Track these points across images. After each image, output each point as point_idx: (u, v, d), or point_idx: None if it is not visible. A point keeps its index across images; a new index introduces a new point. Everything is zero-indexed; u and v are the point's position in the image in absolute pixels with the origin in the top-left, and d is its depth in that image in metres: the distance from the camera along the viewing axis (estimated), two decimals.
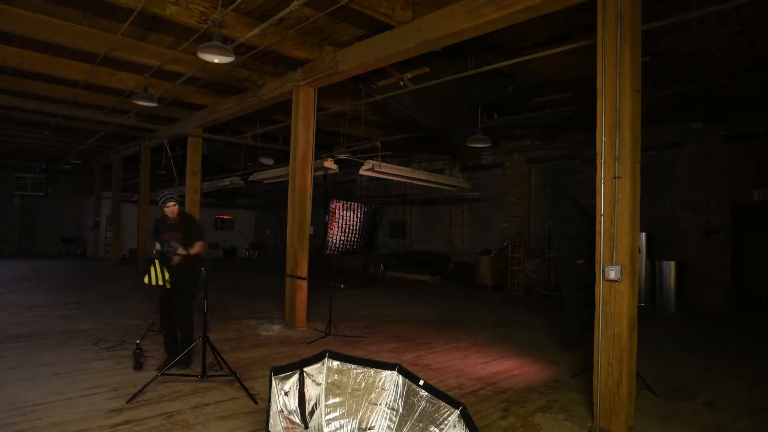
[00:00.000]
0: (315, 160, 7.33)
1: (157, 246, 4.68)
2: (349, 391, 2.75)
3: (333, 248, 8.00)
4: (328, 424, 2.72)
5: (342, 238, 8.13)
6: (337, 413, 2.74)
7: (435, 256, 14.36)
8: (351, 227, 8.21)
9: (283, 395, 3.00)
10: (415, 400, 2.63)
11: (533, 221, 12.65)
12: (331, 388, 2.78)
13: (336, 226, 7.89)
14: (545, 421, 3.72)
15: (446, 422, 2.52)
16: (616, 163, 3.56)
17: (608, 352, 3.55)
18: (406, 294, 11.19)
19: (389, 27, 5.65)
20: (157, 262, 4.65)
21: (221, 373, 4.37)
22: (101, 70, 7.62)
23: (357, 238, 8.29)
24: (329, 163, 9.30)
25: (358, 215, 8.28)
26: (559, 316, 8.77)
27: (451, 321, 7.88)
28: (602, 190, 3.63)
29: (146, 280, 4.62)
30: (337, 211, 7.85)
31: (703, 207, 9.64)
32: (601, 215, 3.63)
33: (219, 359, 4.36)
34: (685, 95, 7.86)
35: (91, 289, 10.16)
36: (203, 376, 4.23)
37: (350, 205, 8.07)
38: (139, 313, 7.29)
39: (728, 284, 9.38)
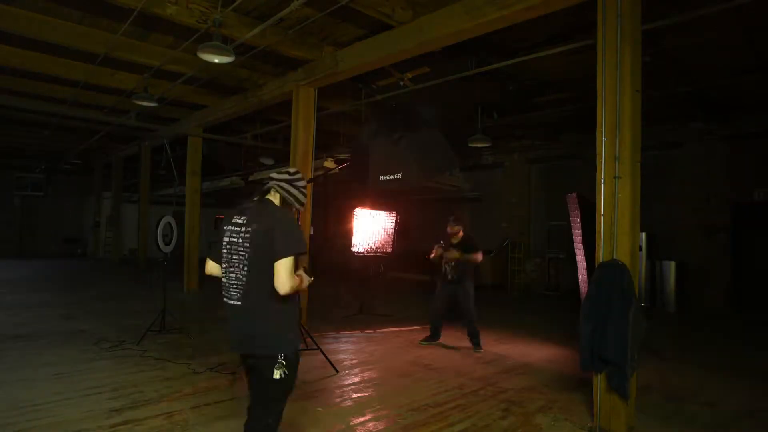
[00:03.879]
0: (315, 160, 7.33)
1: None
2: None
3: (362, 248, 8.55)
4: None
5: (368, 242, 8.71)
6: None
7: None
8: (374, 233, 8.80)
9: None
10: None
11: (533, 221, 12.65)
12: None
13: (361, 230, 8.52)
14: (545, 421, 3.72)
15: None
16: (616, 163, 3.56)
17: None
18: (406, 294, 11.20)
19: (389, 27, 5.65)
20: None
21: (309, 348, 5.00)
22: (101, 70, 7.61)
23: (381, 244, 8.91)
24: (329, 163, 9.29)
25: (380, 223, 8.94)
26: (558, 315, 8.77)
27: (450, 321, 7.86)
28: (602, 190, 3.62)
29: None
30: (361, 218, 8.50)
31: (703, 207, 9.64)
32: (601, 215, 3.63)
33: (310, 338, 5.06)
34: (685, 95, 7.85)
35: (91, 289, 10.16)
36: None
37: (371, 213, 8.74)
38: (140, 313, 7.29)
39: (728, 284, 9.37)
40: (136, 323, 6.52)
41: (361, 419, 3.66)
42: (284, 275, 2.09)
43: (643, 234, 9.53)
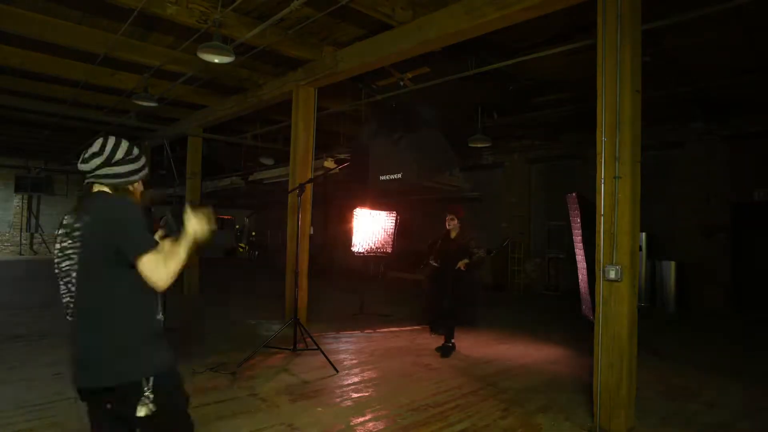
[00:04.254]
0: (315, 160, 7.34)
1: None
2: None
3: (362, 248, 8.59)
4: None
5: (368, 242, 8.74)
6: None
7: None
8: (374, 233, 8.82)
9: None
10: None
11: (533, 221, 12.65)
12: None
13: (361, 230, 8.53)
14: (545, 421, 3.72)
15: None
16: (616, 163, 3.56)
17: (608, 352, 3.55)
18: (406, 294, 11.20)
19: (389, 27, 5.65)
20: None
21: (309, 348, 5.12)
22: (101, 70, 7.61)
23: (381, 244, 8.95)
24: (329, 163, 9.32)
25: (380, 223, 8.91)
26: (558, 315, 8.78)
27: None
28: (602, 190, 3.62)
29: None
30: (361, 218, 8.48)
31: (703, 207, 9.64)
32: (601, 215, 3.63)
33: (310, 338, 5.12)
34: (685, 95, 7.85)
35: None
36: (294, 349, 5.15)
37: (372, 213, 8.74)
38: None
39: (728, 284, 9.38)
40: None
41: (361, 419, 3.66)
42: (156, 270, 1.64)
43: (643, 234, 9.53)
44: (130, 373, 1.66)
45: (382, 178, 5.23)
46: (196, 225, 1.75)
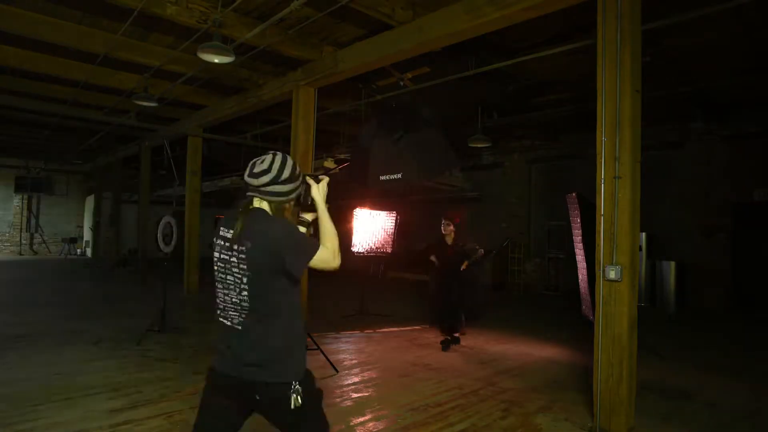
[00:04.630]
0: (315, 160, 7.33)
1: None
2: None
3: (362, 248, 8.61)
4: None
5: (368, 242, 8.78)
6: None
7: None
8: (374, 233, 8.88)
9: None
10: None
11: (533, 221, 12.65)
12: None
13: (361, 230, 8.58)
14: (545, 421, 3.72)
15: None
16: (616, 163, 3.56)
17: (608, 352, 3.55)
18: (406, 294, 11.20)
19: (389, 27, 5.65)
20: None
21: (309, 348, 4.97)
22: (101, 70, 7.61)
23: (381, 245, 9.00)
24: (329, 163, 9.32)
25: (380, 223, 8.96)
26: (558, 315, 8.77)
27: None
28: (602, 190, 3.62)
29: None
30: (361, 218, 8.54)
31: (703, 207, 9.65)
32: (601, 215, 3.63)
33: (310, 338, 4.99)
34: (685, 95, 7.85)
35: (91, 290, 10.16)
36: None
37: (371, 213, 8.72)
38: (139, 313, 7.29)
39: (728, 284, 9.38)
40: (136, 323, 6.52)
41: (361, 419, 3.66)
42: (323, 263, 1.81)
43: (643, 234, 9.53)
44: (290, 373, 1.77)
45: (382, 178, 5.23)
46: (318, 193, 2.01)
